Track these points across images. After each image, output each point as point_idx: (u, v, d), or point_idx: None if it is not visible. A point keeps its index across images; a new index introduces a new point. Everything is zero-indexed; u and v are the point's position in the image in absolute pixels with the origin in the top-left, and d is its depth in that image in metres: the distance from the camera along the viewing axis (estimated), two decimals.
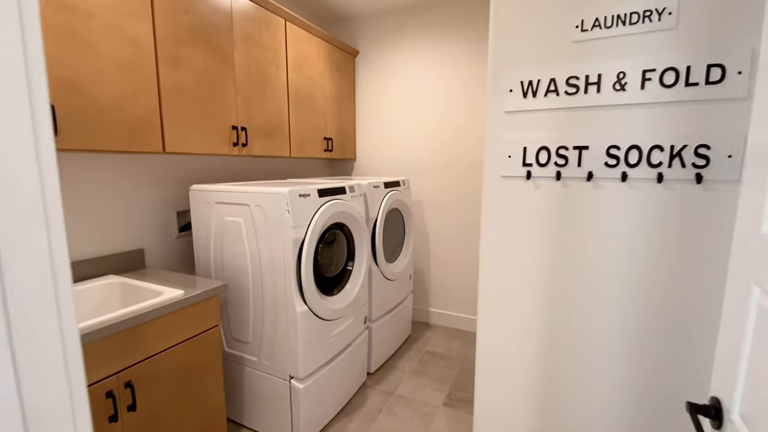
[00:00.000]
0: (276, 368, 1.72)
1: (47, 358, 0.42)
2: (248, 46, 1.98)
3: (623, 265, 1.09)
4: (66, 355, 0.44)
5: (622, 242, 1.08)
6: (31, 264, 0.40)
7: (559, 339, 1.21)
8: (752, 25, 0.88)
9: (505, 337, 1.30)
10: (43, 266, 0.41)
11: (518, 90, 1.12)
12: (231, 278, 1.78)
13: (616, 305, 1.12)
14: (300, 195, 1.62)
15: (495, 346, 1.33)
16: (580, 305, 1.17)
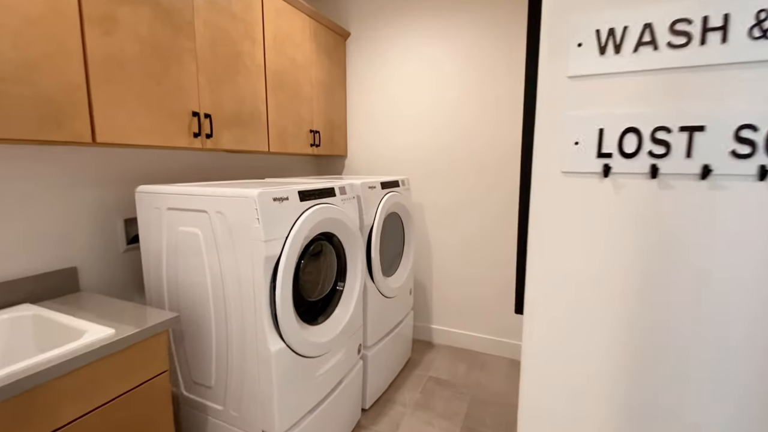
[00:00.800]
0: (246, 421, 1.34)
1: None
2: (213, 14, 1.60)
3: (756, 305, 0.73)
4: None
5: (759, 273, 0.71)
6: None
7: (641, 404, 0.85)
8: None
9: (567, 386, 0.94)
10: None
11: (592, 44, 0.75)
12: (188, 305, 1.40)
13: (736, 387, 0.76)
14: (275, 199, 1.24)
15: (544, 407, 0.97)
16: (682, 379, 0.80)
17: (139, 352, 1.12)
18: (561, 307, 0.88)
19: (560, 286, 0.87)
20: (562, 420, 0.93)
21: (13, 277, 1.27)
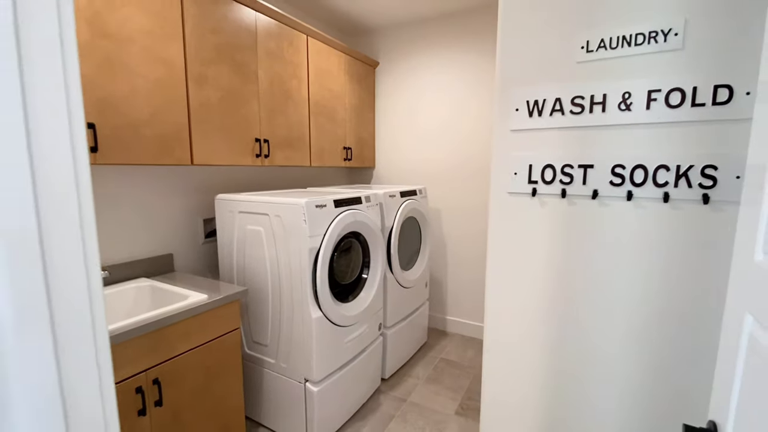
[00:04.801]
0: (292, 371, 1.80)
1: (83, 350, 0.49)
2: (271, 62, 2.08)
3: (628, 284, 1.09)
4: (97, 351, 0.52)
5: (628, 261, 1.08)
6: (72, 268, 0.47)
7: (561, 353, 1.22)
8: (760, 46, 0.88)
9: (509, 347, 1.32)
10: (79, 271, 0.48)
11: (524, 109, 1.15)
12: (252, 283, 1.88)
13: (619, 324, 1.12)
14: (317, 206, 1.69)
15: (500, 359, 1.35)
16: (582, 321, 1.17)
17: (221, 313, 1.60)
18: (507, 294, 1.27)
19: (505, 267, 1.27)
20: (508, 352, 1.31)
21: (134, 259, 1.80)
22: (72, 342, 0.47)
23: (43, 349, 0.43)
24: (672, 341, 1.07)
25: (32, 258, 0.41)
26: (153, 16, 1.51)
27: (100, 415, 0.52)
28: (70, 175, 0.46)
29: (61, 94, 0.44)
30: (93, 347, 0.51)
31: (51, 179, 0.42)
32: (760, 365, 0.61)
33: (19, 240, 0.40)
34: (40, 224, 0.41)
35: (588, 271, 1.13)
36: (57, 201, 0.43)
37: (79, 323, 0.48)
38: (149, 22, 1.50)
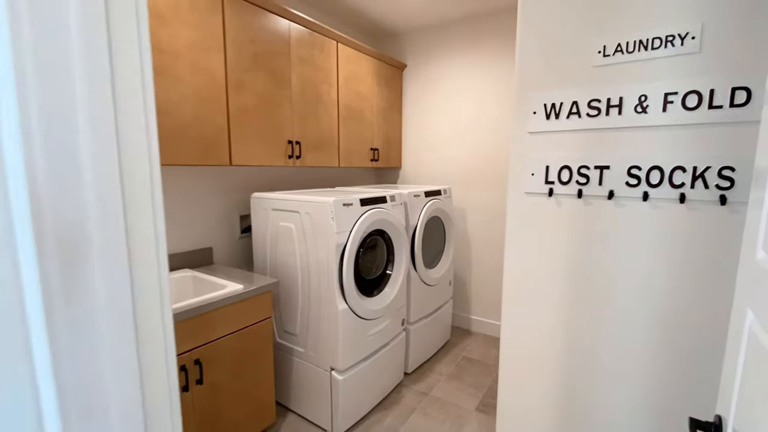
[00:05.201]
0: (319, 360, 1.91)
1: (154, 327, 0.60)
2: (303, 68, 2.21)
3: (644, 282, 1.11)
4: (165, 328, 0.63)
5: (644, 260, 1.10)
6: (147, 256, 0.58)
7: (576, 350, 1.25)
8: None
9: (525, 344, 1.36)
10: (151, 258, 0.59)
11: (541, 112, 1.19)
12: (283, 276, 2.00)
13: (634, 321, 1.14)
14: (344, 204, 1.79)
15: (516, 355, 1.39)
16: (598, 319, 1.20)
17: (255, 301, 1.73)
18: (524, 292, 1.31)
19: (521, 264, 1.31)
20: (524, 351, 1.35)
21: (178, 251, 1.97)
22: (149, 326, 0.58)
23: (127, 330, 0.54)
24: (690, 342, 1.08)
25: (121, 255, 0.51)
26: (198, 31, 1.66)
27: (165, 383, 0.62)
28: (147, 176, 0.56)
29: (139, 106, 0.55)
30: (162, 329, 0.62)
31: (134, 181, 0.53)
32: (759, 360, 0.64)
33: (114, 236, 0.50)
34: (126, 223, 0.52)
35: (603, 269, 1.16)
36: (138, 203, 0.54)
37: (153, 310, 0.59)
38: (194, 37, 1.65)
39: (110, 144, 0.49)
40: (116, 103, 0.49)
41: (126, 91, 0.51)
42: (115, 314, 0.51)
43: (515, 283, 1.35)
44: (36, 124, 0.42)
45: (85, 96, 0.46)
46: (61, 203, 0.45)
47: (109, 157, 0.49)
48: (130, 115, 0.51)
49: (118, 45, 0.49)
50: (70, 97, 0.45)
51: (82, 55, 0.45)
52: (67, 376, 0.46)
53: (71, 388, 0.47)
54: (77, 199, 0.46)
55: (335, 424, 1.89)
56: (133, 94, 0.52)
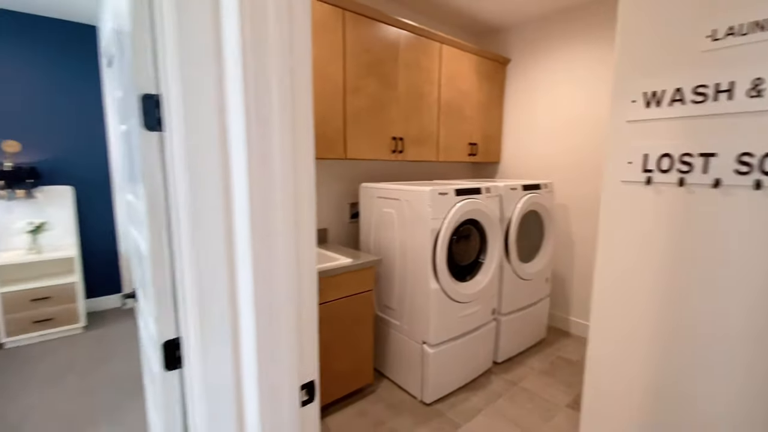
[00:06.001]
0: (413, 333, 2.12)
1: (310, 269, 0.86)
2: (409, 71, 2.43)
3: (753, 276, 1.03)
4: (312, 274, 0.89)
5: (752, 251, 1.03)
6: (309, 231, 0.84)
7: (671, 350, 1.20)
8: None
9: (617, 341, 1.35)
10: (309, 230, 0.85)
11: (641, 101, 1.18)
12: (384, 256, 2.27)
13: (737, 319, 1.07)
14: (439, 193, 1.96)
15: (607, 352, 1.39)
16: (697, 314, 1.14)
17: (360, 274, 2.02)
18: (618, 284, 1.31)
19: (615, 254, 1.31)
20: (614, 342, 1.35)
21: None
22: (305, 269, 0.84)
23: (293, 268, 0.80)
24: None
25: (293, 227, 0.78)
26: (325, 46, 2.00)
27: (311, 309, 0.88)
28: (312, 171, 0.82)
29: (309, 113, 0.81)
30: (310, 274, 0.88)
31: (301, 175, 0.79)
32: None
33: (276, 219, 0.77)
34: (296, 209, 0.78)
35: (705, 260, 1.11)
36: (306, 193, 0.80)
37: (310, 261, 0.85)
38: (323, 51, 1.99)
39: (292, 146, 0.75)
40: (297, 111, 0.75)
41: (303, 105, 0.76)
42: (289, 257, 0.78)
43: (607, 274, 1.35)
44: (255, 127, 0.69)
45: (279, 110, 0.72)
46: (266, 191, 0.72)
47: (291, 160, 0.75)
48: (304, 120, 0.77)
49: (300, 69, 0.75)
50: (270, 110, 0.71)
51: (277, 77, 0.71)
52: (261, 291, 0.74)
53: (262, 300, 0.74)
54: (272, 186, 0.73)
55: (424, 393, 2.09)
56: (306, 105, 0.78)
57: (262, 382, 0.73)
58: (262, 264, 0.73)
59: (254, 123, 0.69)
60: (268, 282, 0.74)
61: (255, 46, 0.68)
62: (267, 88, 0.71)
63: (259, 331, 0.73)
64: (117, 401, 2.13)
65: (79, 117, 3.13)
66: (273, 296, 0.74)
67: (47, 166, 3.02)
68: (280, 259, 0.75)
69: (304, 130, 0.78)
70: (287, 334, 0.77)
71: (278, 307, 0.75)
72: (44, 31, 2.93)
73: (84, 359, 2.57)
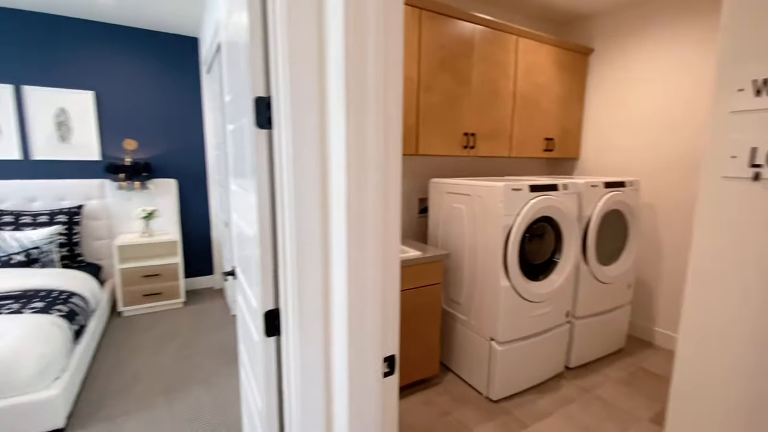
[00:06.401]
0: (480, 329, 2.12)
1: (393, 257, 0.94)
2: (483, 66, 2.41)
3: None
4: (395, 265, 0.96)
5: None
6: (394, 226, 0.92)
7: None
8: None
9: (711, 356, 1.24)
10: (394, 225, 0.93)
11: (750, 89, 1.06)
12: (452, 251, 2.29)
13: None
14: (513, 189, 1.94)
15: (698, 367, 1.27)
16: None
17: (429, 267, 2.07)
18: (716, 290, 1.20)
19: (711, 253, 1.20)
20: (704, 375, 1.24)
21: None
22: (391, 264, 0.92)
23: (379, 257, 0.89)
24: None
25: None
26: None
27: (395, 300, 0.96)
28: (400, 168, 0.90)
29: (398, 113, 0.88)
30: (395, 265, 0.96)
31: (390, 172, 0.87)
32: None
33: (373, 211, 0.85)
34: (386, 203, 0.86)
35: None
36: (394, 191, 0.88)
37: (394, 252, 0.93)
38: None
39: (384, 144, 0.82)
40: (389, 115, 0.83)
41: (394, 108, 0.84)
42: (378, 242, 0.86)
43: (702, 279, 1.24)
44: (353, 125, 0.78)
45: (375, 117, 0.80)
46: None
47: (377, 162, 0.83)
48: (395, 122, 0.84)
49: (392, 72, 0.82)
50: (365, 117, 0.79)
51: (374, 88, 0.79)
52: (354, 272, 0.82)
53: (355, 279, 0.83)
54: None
55: (491, 389, 2.08)
56: (396, 108, 0.85)
57: (351, 350, 0.82)
58: (355, 248, 0.81)
59: (353, 124, 0.78)
60: (360, 264, 0.82)
61: (356, 56, 0.76)
62: (364, 97, 0.79)
63: (350, 304, 0.81)
64: (210, 368, 2.43)
65: (183, 118, 3.57)
66: (364, 276, 0.83)
67: (157, 161, 3.50)
68: (370, 244, 0.83)
69: (394, 129, 0.84)
70: (373, 310, 0.84)
71: (367, 285, 0.83)
72: (155, 44, 3.39)
73: (184, 330, 2.95)
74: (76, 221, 3.10)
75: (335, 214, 0.86)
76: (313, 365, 0.95)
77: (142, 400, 2.09)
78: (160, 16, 3.08)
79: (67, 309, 2.23)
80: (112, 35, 3.22)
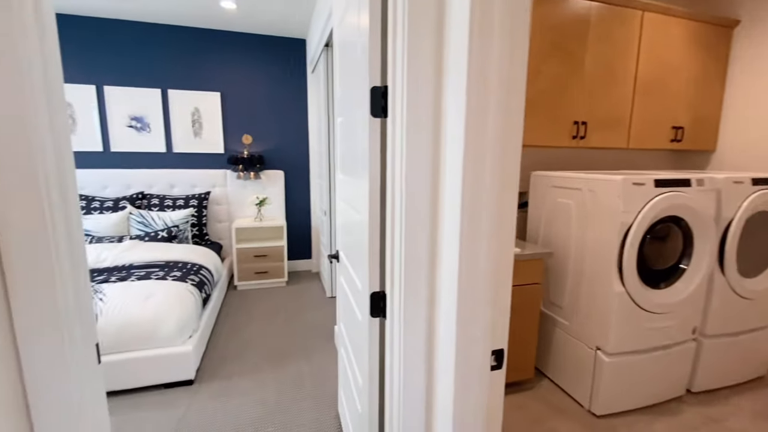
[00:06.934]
0: (585, 336, 1.95)
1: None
2: (599, 46, 2.18)
3: None
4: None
5: None
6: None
7: None
8: None
9: None
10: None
11: None
12: (555, 249, 2.13)
13: None
14: (634, 183, 1.72)
15: None
16: None
17: (528, 265, 1.96)
18: None
19: None
20: None
21: None
22: (504, 259, 0.90)
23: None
24: None
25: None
26: None
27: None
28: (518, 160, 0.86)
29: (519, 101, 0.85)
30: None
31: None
32: None
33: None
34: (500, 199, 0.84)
35: None
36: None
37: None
38: None
39: (503, 138, 0.80)
40: (510, 108, 0.80)
41: (516, 102, 0.81)
42: (491, 235, 0.84)
43: None
44: (474, 117, 0.77)
45: (495, 108, 0.77)
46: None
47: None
48: (516, 118, 0.81)
49: (516, 63, 0.79)
50: (486, 110, 0.77)
51: (497, 80, 0.76)
52: (466, 262, 0.82)
53: (466, 270, 0.82)
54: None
55: (594, 403, 1.90)
56: (518, 103, 0.82)
57: (459, 338, 0.82)
58: (468, 239, 0.80)
59: (474, 115, 0.76)
60: (473, 253, 0.81)
61: (480, 50, 0.74)
62: (486, 93, 0.76)
63: (461, 293, 0.81)
64: (309, 343, 2.64)
65: (290, 115, 3.90)
66: (476, 266, 0.81)
67: (268, 154, 3.88)
68: (484, 235, 0.81)
69: (515, 123, 0.81)
70: (484, 300, 0.83)
71: (479, 276, 0.82)
72: (268, 47, 3.75)
73: (287, 307, 3.25)
74: (204, 205, 3.61)
75: (447, 202, 0.86)
76: (416, 348, 0.97)
77: (253, 364, 2.36)
78: (274, 21, 3.39)
79: (198, 279, 2.61)
80: (234, 41, 3.65)
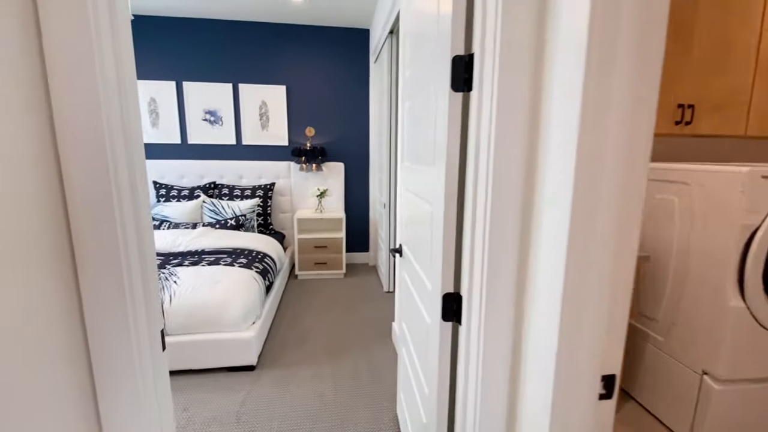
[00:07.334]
0: (686, 356, 1.65)
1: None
2: (712, 14, 1.83)
3: None
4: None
5: None
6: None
7: None
8: None
9: None
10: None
11: None
12: (650, 253, 1.84)
13: None
14: (763, 176, 1.41)
15: None
16: None
17: None
18: None
19: None
20: None
21: None
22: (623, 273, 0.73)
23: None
24: None
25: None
26: None
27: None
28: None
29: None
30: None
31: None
32: None
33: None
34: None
35: None
36: None
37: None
38: None
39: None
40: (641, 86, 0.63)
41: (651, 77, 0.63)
42: (608, 243, 0.67)
43: None
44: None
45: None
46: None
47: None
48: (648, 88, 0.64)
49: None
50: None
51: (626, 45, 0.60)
52: (572, 270, 0.67)
53: (572, 278, 0.67)
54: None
55: None
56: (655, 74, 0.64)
57: (560, 357, 0.67)
58: (577, 244, 0.65)
59: (592, 85, 0.60)
60: (584, 258, 0.65)
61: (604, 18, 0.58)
62: (610, 60, 0.60)
63: (566, 304, 0.66)
64: (366, 337, 2.58)
65: (351, 107, 3.87)
66: (587, 274, 0.66)
67: (330, 146, 3.90)
68: (597, 244, 0.65)
69: (649, 101, 0.63)
70: (596, 314, 0.67)
71: (591, 285, 0.66)
72: (332, 38, 3.74)
73: (344, 299, 3.24)
74: (269, 196, 3.72)
75: (547, 197, 0.71)
76: (496, 362, 0.84)
77: (311, 355, 2.36)
78: (339, 12, 3.36)
79: (262, 267, 2.67)
80: (299, 34, 3.69)
